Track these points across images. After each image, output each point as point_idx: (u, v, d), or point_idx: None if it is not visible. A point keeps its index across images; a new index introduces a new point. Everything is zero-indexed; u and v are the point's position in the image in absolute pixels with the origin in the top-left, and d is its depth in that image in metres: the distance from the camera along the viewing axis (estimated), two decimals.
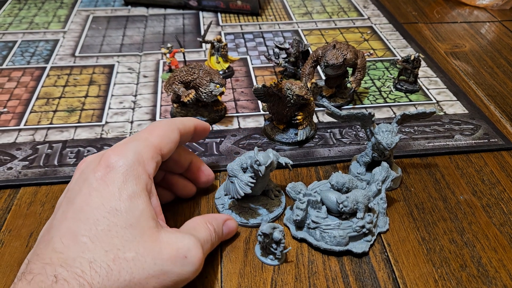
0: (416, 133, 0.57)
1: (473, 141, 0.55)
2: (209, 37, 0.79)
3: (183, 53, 0.70)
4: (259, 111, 0.62)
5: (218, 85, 0.55)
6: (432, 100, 0.64)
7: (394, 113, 0.62)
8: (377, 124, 0.47)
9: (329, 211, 0.42)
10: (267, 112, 0.55)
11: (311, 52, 0.62)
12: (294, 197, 0.42)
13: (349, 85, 0.61)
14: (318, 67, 0.69)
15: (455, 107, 0.62)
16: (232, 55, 0.76)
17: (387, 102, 0.64)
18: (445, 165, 0.52)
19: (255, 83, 0.69)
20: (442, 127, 0.58)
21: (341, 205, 0.41)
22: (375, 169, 0.45)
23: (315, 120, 0.59)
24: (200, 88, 0.55)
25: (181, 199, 0.47)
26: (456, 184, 0.50)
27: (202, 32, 0.83)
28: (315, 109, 0.60)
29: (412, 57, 0.64)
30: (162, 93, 0.66)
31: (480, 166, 0.52)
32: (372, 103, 0.64)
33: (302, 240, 0.42)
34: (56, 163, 0.52)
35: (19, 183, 0.49)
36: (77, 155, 0.53)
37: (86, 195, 0.33)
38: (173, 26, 0.87)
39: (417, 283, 0.39)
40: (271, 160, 0.40)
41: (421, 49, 0.79)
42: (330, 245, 0.41)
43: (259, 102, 0.63)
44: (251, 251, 0.42)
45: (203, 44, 0.79)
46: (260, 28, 0.87)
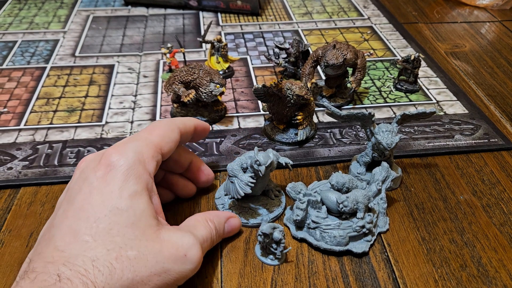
0: (416, 133, 0.57)
1: (473, 141, 0.55)
2: (209, 37, 0.79)
3: (183, 53, 0.70)
4: (259, 111, 0.62)
5: (218, 85, 0.55)
6: (432, 100, 0.64)
7: (394, 113, 0.62)
8: (377, 124, 0.47)
9: (329, 211, 0.42)
10: (267, 112, 0.55)
11: (311, 52, 0.62)
12: (294, 197, 0.42)
13: (349, 85, 0.61)
14: (318, 67, 0.69)
15: (455, 107, 0.62)
16: (232, 55, 0.76)
17: (387, 102, 0.64)
18: (445, 165, 0.52)
19: (255, 83, 0.69)
20: (442, 127, 0.58)
21: (341, 205, 0.41)
22: (375, 169, 0.45)
23: (315, 120, 0.59)
24: (200, 88, 0.55)
25: (181, 199, 0.47)
26: (456, 184, 0.50)
27: (202, 32, 0.83)
28: (315, 109, 0.60)
29: (412, 57, 0.64)
30: (162, 93, 0.66)
31: (480, 166, 0.52)
32: (372, 103, 0.64)
33: (302, 240, 0.42)
34: (56, 163, 0.52)
35: (19, 183, 0.49)
36: (77, 155, 0.53)
37: (87, 194, 0.33)
38: (173, 26, 0.87)
39: (417, 283, 0.39)
40: (271, 160, 0.40)
41: (421, 49, 0.79)
42: (330, 245, 0.41)
43: (259, 102, 0.63)
44: (251, 251, 0.42)
45: (203, 44, 0.79)
46: (260, 28, 0.87)
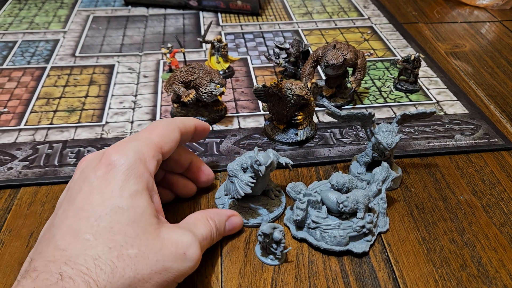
0: (416, 133, 0.57)
1: (473, 141, 0.55)
2: (209, 37, 0.79)
3: (183, 53, 0.70)
4: (259, 111, 0.62)
5: (218, 85, 0.55)
6: (432, 100, 0.64)
7: (394, 113, 0.62)
8: (377, 124, 0.47)
9: (329, 211, 0.42)
10: (267, 112, 0.55)
11: (311, 52, 0.62)
12: (294, 197, 0.42)
13: (349, 85, 0.61)
14: (318, 67, 0.69)
15: (455, 107, 0.62)
16: (232, 55, 0.76)
17: (387, 102, 0.64)
18: (445, 165, 0.52)
19: (255, 83, 0.69)
20: (442, 127, 0.58)
21: (341, 205, 0.41)
22: (375, 169, 0.45)
23: (315, 120, 0.59)
24: (200, 88, 0.55)
25: (181, 198, 0.47)
26: (456, 184, 0.50)
27: (202, 32, 0.83)
28: (315, 109, 0.60)
29: (412, 57, 0.64)
30: (162, 93, 0.66)
31: (480, 166, 0.52)
32: (372, 103, 0.64)
33: (302, 240, 0.42)
34: (56, 163, 0.52)
35: (19, 183, 0.49)
36: (77, 155, 0.53)
37: (87, 193, 0.33)
38: (173, 26, 0.87)
39: (417, 283, 0.39)
40: (271, 160, 0.40)
41: (421, 49, 0.79)
42: (330, 245, 0.41)
43: (259, 102, 0.63)
44: (251, 251, 0.42)
45: (203, 44, 0.79)
46: (260, 28, 0.87)
